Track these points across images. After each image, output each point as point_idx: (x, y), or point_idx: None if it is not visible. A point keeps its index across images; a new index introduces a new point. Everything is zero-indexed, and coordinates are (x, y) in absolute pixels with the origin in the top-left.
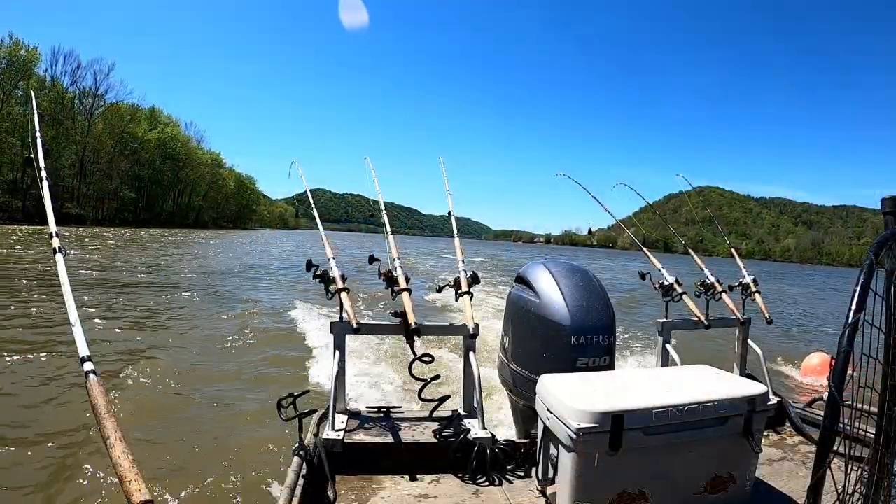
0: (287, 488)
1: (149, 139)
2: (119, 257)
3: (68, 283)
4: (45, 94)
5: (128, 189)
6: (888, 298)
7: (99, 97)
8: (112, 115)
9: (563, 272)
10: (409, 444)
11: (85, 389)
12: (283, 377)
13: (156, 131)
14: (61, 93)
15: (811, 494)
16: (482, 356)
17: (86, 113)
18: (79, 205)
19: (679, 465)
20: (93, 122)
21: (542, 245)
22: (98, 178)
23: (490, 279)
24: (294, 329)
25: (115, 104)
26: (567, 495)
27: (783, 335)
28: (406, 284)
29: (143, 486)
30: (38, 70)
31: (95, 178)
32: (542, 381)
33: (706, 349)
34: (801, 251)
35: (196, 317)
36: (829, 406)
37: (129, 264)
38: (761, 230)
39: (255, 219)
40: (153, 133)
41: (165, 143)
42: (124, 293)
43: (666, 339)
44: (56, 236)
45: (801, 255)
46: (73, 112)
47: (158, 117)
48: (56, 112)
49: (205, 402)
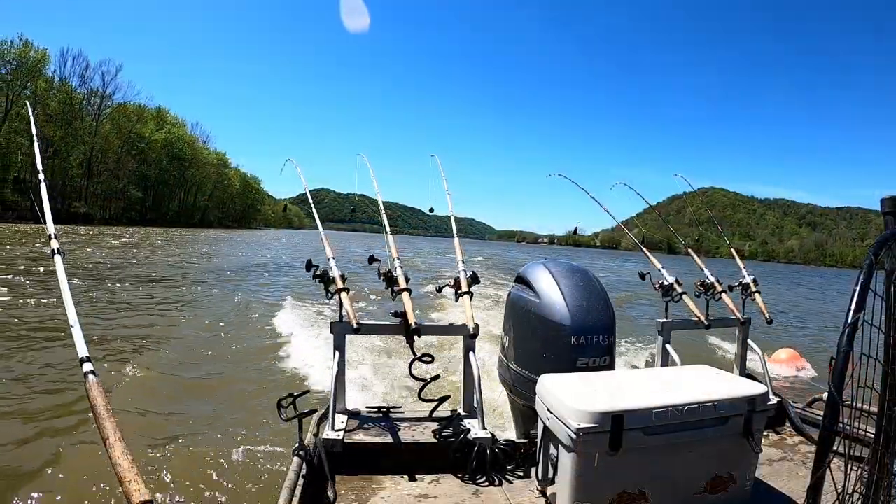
0: (287, 488)
1: (156, 139)
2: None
3: (67, 283)
4: (53, 94)
5: (135, 189)
6: (888, 298)
7: (107, 97)
8: (119, 115)
9: (563, 272)
10: (408, 444)
11: (84, 390)
12: (283, 377)
13: (162, 131)
14: (70, 94)
15: (811, 494)
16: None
17: (93, 113)
18: (86, 204)
19: (679, 465)
20: (100, 123)
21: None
22: (106, 177)
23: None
24: (294, 329)
25: (122, 105)
26: (567, 495)
27: (783, 334)
28: (406, 284)
29: (143, 486)
30: (46, 71)
31: (103, 177)
32: (542, 381)
33: (706, 349)
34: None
35: (197, 316)
36: (828, 406)
37: (149, 261)
38: (765, 231)
39: (260, 218)
40: (160, 133)
41: (172, 144)
42: (125, 292)
43: (666, 339)
44: (55, 237)
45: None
46: (81, 112)
47: (165, 117)
48: (65, 112)
49: (205, 402)
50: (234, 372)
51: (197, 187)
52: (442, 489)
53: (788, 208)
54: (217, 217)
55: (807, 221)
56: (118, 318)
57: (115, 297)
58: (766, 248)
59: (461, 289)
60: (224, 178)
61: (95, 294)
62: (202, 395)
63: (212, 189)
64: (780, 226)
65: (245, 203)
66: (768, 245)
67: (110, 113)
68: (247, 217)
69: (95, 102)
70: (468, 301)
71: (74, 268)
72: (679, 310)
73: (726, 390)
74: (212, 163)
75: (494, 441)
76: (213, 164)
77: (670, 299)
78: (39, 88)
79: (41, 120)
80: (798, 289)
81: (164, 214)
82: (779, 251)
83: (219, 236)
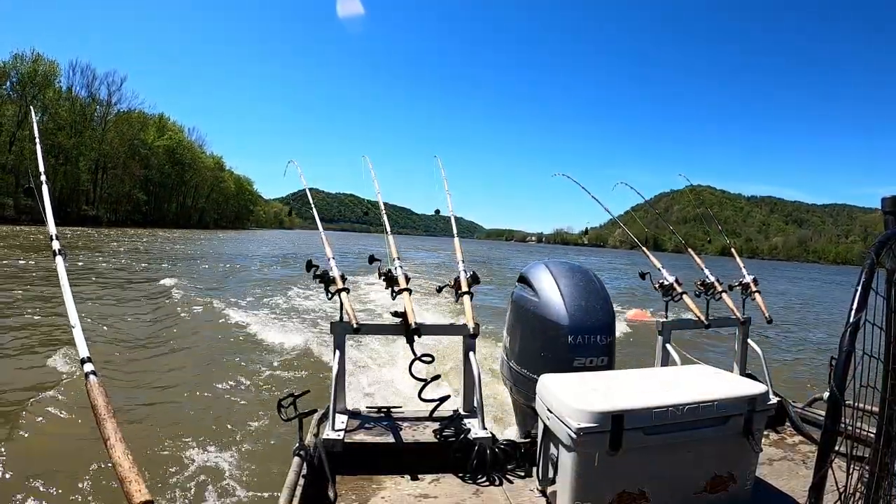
0: (287, 488)
1: (158, 145)
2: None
3: (68, 284)
4: (61, 103)
5: (139, 192)
6: (889, 298)
7: (111, 107)
8: (123, 123)
9: (563, 272)
10: (409, 444)
11: (85, 390)
12: (283, 377)
13: (164, 138)
14: (82, 104)
15: (813, 494)
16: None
17: (99, 121)
18: (95, 207)
19: (679, 465)
20: (106, 130)
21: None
22: (113, 182)
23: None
24: (294, 329)
25: (125, 113)
26: (567, 495)
27: (783, 335)
28: (406, 284)
29: (144, 486)
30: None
31: (110, 182)
32: (543, 380)
33: (706, 349)
34: (787, 249)
35: (197, 316)
36: (830, 405)
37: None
38: (751, 228)
39: (252, 219)
40: (162, 140)
41: (173, 150)
42: (127, 290)
43: (666, 339)
44: (56, 239)
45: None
46: (90, 122)
47: (166, 124)
48: (76, 122)
49: (205, 402)
50: (234, 372)
51: (195, 190)
52: (442, 489)
53: (775, 206)
54: (213, 218)
55: (793, 218)
56: (118, 319)
57: (123, 296)
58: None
59: (461, 289)
60: (220, 180)
61: (105, 293)
62: (202, 395)
63: (209, 191)
64: (766, 223)
65: (239, 204)
66: (752, 242)
67: (114, 121)
68: (240, 218)
69: (101, 111)
70: (468, 301)
71: (104, 273)
72: (677, 310)
73: (726, 390)
74: (209, 167)
75: (495, 441)
76: (211, 168)
77: (670, 299)
78: (49, 99)
79: (52, 129)
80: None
81: (164, 216)
82: (763, 248)
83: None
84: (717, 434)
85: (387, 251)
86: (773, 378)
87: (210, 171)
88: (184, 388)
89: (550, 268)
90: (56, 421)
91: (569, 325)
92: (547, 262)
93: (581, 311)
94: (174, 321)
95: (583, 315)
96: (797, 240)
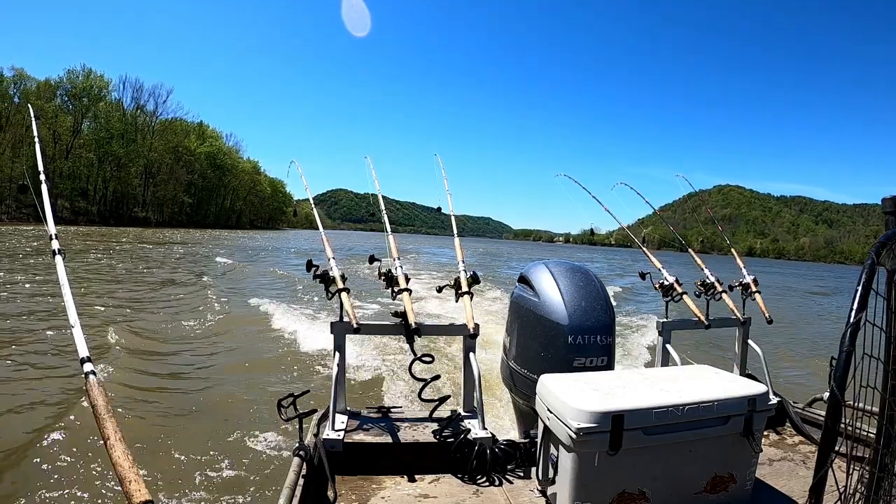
0: (287, 488)
1: (200, 152)
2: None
3: (68, 284)
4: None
5: (185, 195)
6: (889, 298)
7: (157, 116)
8: (167, 131)
9: (563, 272)
10: (409, 444)
11: (85, 390)
12: (283, 377)
13: (205, 145)
14: (134, 116)
15: (813, 494)
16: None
17: (147, 130)
18: (145, 209)
19: (679, 465)
20: (152, 138)
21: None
22: (160, 186)
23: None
24: (294, 329)
25: (170, 121)
26: (567, 495)
27: (783, 334)
28: (406, 284)
29: (144, 486)
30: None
31: (159, 186)
32: (543, 380)
33: (706, 349)
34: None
35: (198, 316)
36: (830, 405)
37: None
38: (780, 229)
39: (284, 220)
40: (204, 146)
41: (214, 155)
42: (126, 289)
43: (666, 339)
44: (55, 238)
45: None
46: (138, 132)
47: (205, 131)
48: (126, 131)
49: (205, 402)
50: (234, 372)
51: (233, 192)
52: (442, 489)
53: (805, 205)
54: (248, 219)
55: (823, 218)
56: (120, 318)
57: (117, 299)
58: (776, 245)
59: (461, 289)
60: (257, 183)
61: (118, 291)
62: (203, 395)
63: (246, 194)
64: (795, 223)
65: (273, 206)
66: (779, 242)
67: (159, 129)
68: (274, 219)
69: (148, 121)
70: (468, 301)
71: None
72: (679, 310)
73: (726, 390)
74: (247, 171)
75: (495, 441)
76: (248, 172)
77: (670, 299)
78: (101, 110)
79: (104, 138)
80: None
81: (205, 217)
82: (789, 248)
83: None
84: (717, 434)
85: (387, 252)
86: (772, 378)
87: (247, 174)
88: (184, 388)
89: (550, 268)
90: (55, 420)
91: (569, 326)
92: (547, 262)
93: (581, 312)
94: (176, 321)
95: (583, 315)
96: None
